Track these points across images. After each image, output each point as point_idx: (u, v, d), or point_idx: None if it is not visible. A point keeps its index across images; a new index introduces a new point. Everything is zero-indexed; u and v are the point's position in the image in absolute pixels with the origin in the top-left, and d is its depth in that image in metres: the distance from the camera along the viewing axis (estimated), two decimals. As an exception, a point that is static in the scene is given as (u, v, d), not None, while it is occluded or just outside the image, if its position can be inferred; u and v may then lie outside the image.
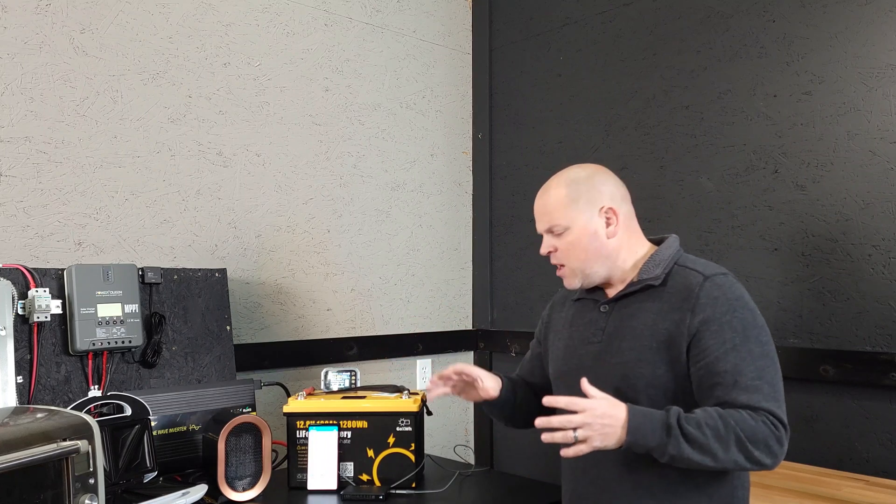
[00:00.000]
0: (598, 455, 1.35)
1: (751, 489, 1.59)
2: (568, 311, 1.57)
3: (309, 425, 1.85)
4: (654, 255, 1.44)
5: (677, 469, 1.32)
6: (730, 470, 1.30)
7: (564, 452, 1.24)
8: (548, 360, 1.61)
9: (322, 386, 1.95)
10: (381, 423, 1.84)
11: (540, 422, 1.25)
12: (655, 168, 2.35)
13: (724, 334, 1.30)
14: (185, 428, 1.86)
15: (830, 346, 1.93)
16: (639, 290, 1.41)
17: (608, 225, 1.43)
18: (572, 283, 1.46)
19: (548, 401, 1.29)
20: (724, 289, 1.34)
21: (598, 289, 1.50)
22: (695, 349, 1.32)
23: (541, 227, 1.47)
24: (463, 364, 1.55)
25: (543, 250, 1.47)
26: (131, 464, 1.61)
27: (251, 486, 1.72)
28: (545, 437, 1.25)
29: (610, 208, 1.43)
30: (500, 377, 1.60)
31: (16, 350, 1.62)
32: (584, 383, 1.28)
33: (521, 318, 2.78)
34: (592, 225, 1.42)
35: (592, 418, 1.22)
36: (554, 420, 1.23)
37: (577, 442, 1.22)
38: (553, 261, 1.46)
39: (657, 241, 1.50)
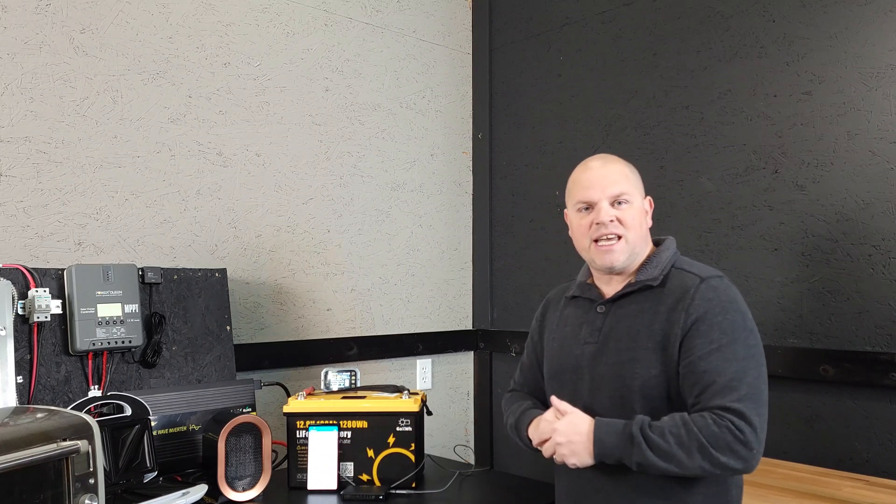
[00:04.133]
0: None
1: (751, 489, 1.60)
2: (563, 310, 1.57)
3: (309, 425, 1.85)
4: (652, 257, 1.46)
5: None
6: (705, 475, 1.31)
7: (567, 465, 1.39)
8: (543, 359, 1.61)
9: (322, 386, 1.95)
10: (381, 423, 1.84)
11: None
12: (655, 168, 2.35)
13: (711, 334, 1.31)
14: (185, 428, 1.86)
15: (830, 346, 1.93)
16: (636, 290, 1.43)
17: (646, 214, 1.48)
18: (619, 258, 1.42)
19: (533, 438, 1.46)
20: (718, 291, 1.36)
21: (595, 288, 1.51)
22: (684, 347, 1.34)
23: (603, 194, 1.42)
24: None
25: (606, 218, 1.40)
26: (131, 464, 1.61)
27: (251, 486, 1.72)
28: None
29: (650, 200, 1.50)
30: None
31: (16, 350, 1.62)
32: (553, 399, 1.41)
33: (521, 318, 2.78)
34: (644, 206, 1.48)
35: (560, 438, 1.35)
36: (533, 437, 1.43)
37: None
38: (612, 229, 1.41)
39: (655, 243, 1.52)
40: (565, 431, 1.33)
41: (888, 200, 1.86)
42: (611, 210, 1.41)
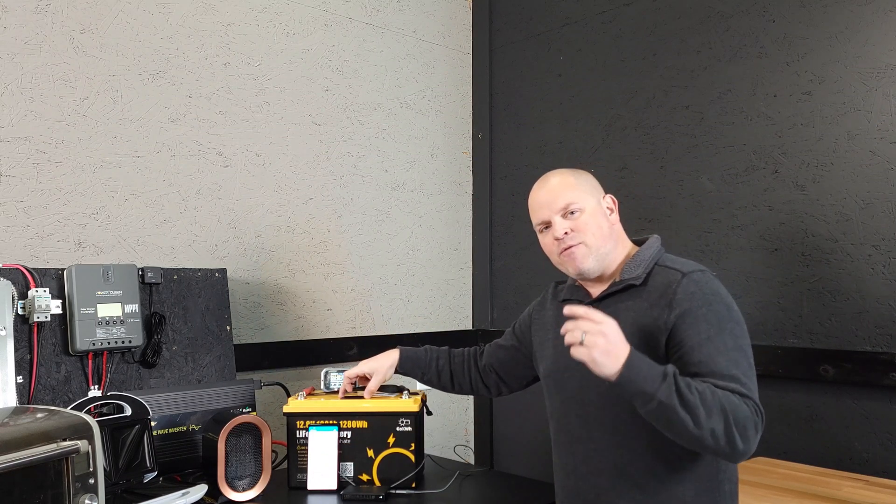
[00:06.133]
0: (587, 450, 1.43)
1: (751, 489, 1.60)
2: (555, 311, 1.59)
3: (309, 425, 1.84)
4: (635, 256, 1.48)
5: (664, 462, 1.35)
6: (703, 446, 1.25)
7: (573, 351, 1.26)
8: (530, 356, 1.67)
9: (322, 386, 1.95)
10: (381, 423, 1.84)
11: (567, 310, 1.29)
12: (655, 168, 2.35)
13: (698, 326, 1.32)
14: (185, 428, 1.86)
15: (830, 346, 1.93)
16: (620, 289, 1.45)
17: (610, 212, 1.50)
18: (585, 262, 1.44)
19: (568, 310, 1.29)
20: (700, 284, 1.37)
21: (582, 289, 1.54)
22: (672, 342, 1.35)
23: (551, 211, 1.47)
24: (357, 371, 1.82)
25: (560, 232, 1.45)
26: (131, 464, 1.61)
27: (251, 486, 1.72)
28: (565, 327, 1.28)
29: (611, 197, 1.52)
30: (401, 356, 1.82)
31: (16, 350, 1.62)
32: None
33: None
34: (601, 207, 1.49)
35: (610, 332, 1.24)
36: (579, 310, 1.27)
37: (580, 344, 1.24)
38: (569, 241, 1.44)
39: (639, 242, 1.53)
40: (615, 335, 1.25)
41: (888, 200, 1.86)
42: (564, 223, 1.46)
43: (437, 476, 1.93)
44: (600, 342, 1.23)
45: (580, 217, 1.45)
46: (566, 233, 1.44)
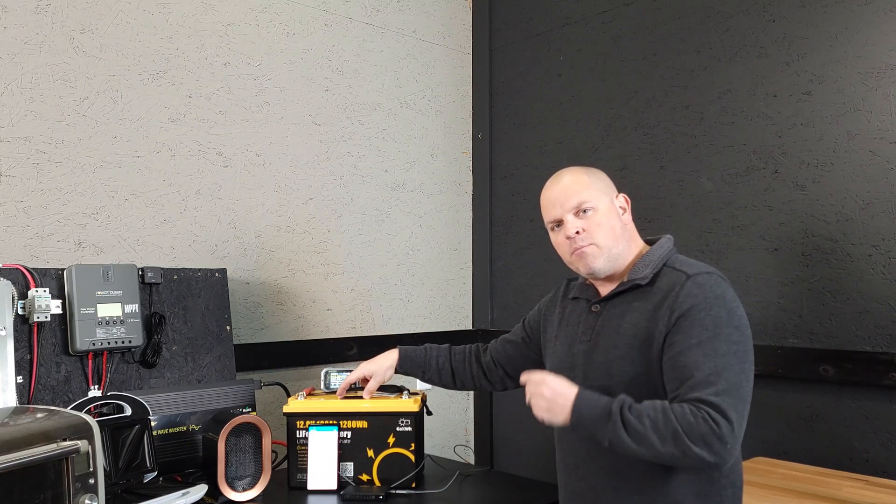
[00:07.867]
0: (588, 453, 1.44)
1: (751, 489, 1.59)
2: (564, 309, 1.60)
3: (309, 425, 1.84)
4: (644, 256, 1.47)
5: (663, 465, 1.34)
6: (676, 464, 1.32)
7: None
8: (539, 352, 1.69)
9: (322, 386, 1.95)
10: (381, 423, 1.84)
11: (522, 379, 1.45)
12: (655, 168, 2.35)
13: (693, 329, 1.32)
14: (185, 428, 1.86)
15: (830, 346, 1.93)
16: (627, 289, 1.44)
17: (623, 212, 1.50)
18: (595, 262, 1.44)
19: (522, 379, 1.44)
20: (704, 287, 1.35)
21: (592, 288, 1.53)
22: (666, 343, 1.35)
23: (564, 210, 1.46)
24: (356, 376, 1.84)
25: (571, 231, 1.44)
26: (131, 464, 1.61)
27: (251, 486, 1.72)
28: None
29: (624, 196, 1.51)
30: (400, 355, 1.84)
31: (16, 350, 1.62)
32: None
33: (520, 318, 2.78)
34: (614, 206, 1.48)
35: (546, 392, 1.36)
36: (522, 377, 1.43)
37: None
38: (579, 241, 1.44)
39: (652, 242, 1.52)
40: (553, 388, 1.35)
41: (888, 200, 1.86)
42: (576, 221, 1.45)
43: (437, 476, 1.93)
44: (541, 403, 1.36)
45: (593, 216, 1.44)
46: (578, 232, 1.44)
